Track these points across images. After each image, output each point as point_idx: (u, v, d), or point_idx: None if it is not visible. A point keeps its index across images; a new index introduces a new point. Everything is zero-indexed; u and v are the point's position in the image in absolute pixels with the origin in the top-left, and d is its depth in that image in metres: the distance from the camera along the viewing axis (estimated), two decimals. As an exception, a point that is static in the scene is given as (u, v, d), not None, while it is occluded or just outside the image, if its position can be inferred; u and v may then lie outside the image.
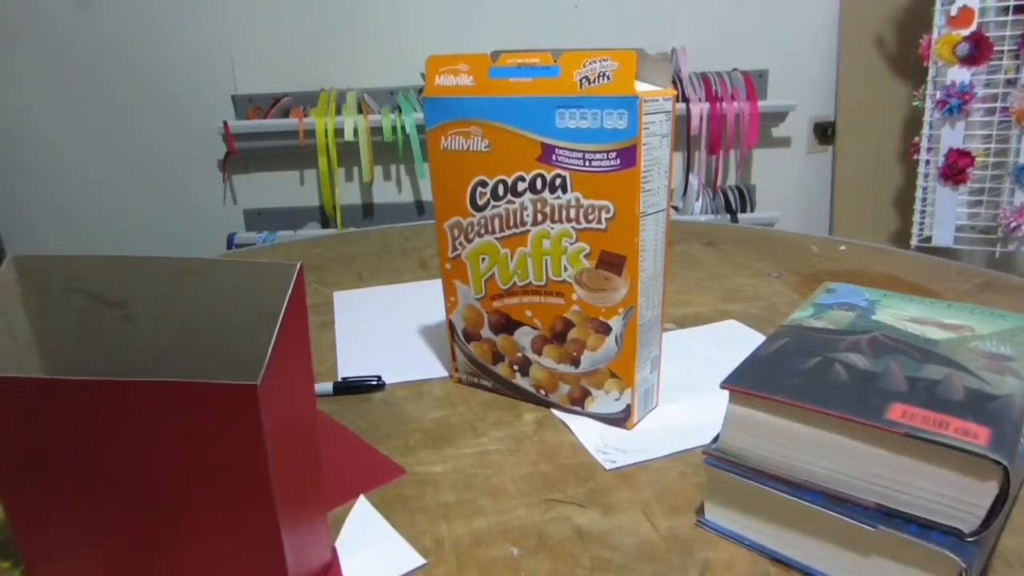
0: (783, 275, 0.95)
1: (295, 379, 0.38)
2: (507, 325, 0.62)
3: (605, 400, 0.59)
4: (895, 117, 2.07)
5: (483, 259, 0.62)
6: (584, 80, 0.52)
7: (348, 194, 2.15)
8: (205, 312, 0.41)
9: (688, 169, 2.10)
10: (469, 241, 0.62)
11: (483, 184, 0.59)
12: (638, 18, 2.07)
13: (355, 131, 1.96)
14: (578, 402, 0.61)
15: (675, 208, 2.14)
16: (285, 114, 2.04)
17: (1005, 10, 1.67)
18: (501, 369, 0.64)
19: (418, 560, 0.45)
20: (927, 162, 1.83)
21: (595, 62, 0.52)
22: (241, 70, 2.06)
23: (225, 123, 2.02)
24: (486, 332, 0.64)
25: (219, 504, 0.36)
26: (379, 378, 0.68)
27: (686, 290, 0.90)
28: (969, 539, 0.36)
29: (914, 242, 1.85)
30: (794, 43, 2.12)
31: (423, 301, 0.89)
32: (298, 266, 0.38)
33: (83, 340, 0.42)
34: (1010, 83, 1.71)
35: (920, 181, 1.85)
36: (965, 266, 0.98)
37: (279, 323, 0.35)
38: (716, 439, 0.45)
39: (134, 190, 2.13)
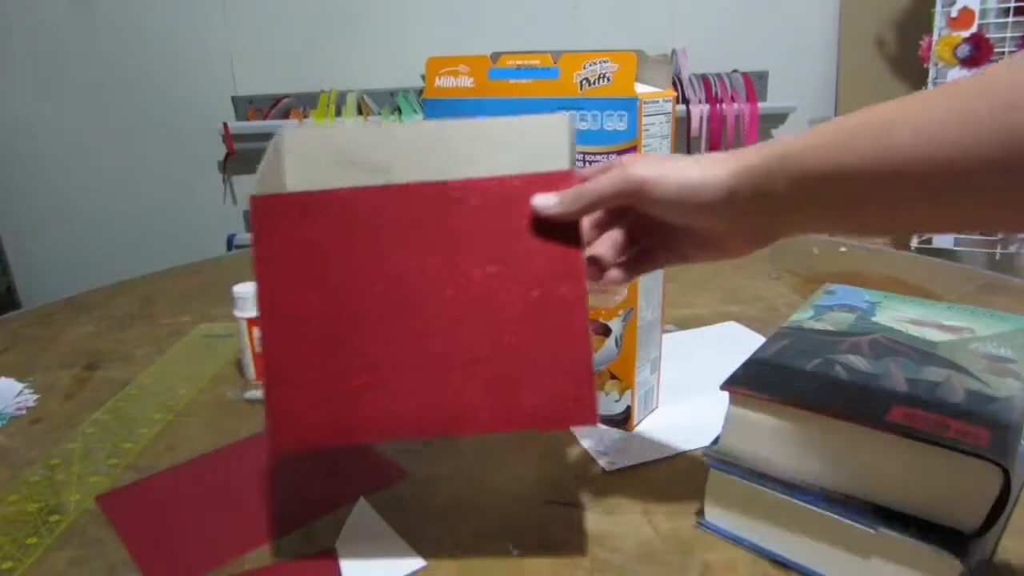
0: (783, 276, 0.95)
1: None
2: (507, 326, 0.62)
3: (605, 402, 0.59)
4: (895, 118, 2.07)
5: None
6: (584, 82, 0.52)
7: (348, 195, 2.15)
8: (465, 172, 0.43)
9: (688, 170, 2.10)
10: (469, 242, 0.62)
11: (483, 185, 0.59)
12: (638, 19, 2.07)
13: (355, 132, 1.96)
14: (578, 403, 0.60)
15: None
16: (285, 115, 2.04)
17: (1005, 11, 1.67)
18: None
19: (418, 562, 0.45)
20: (927, 163, 1.82)
21: (595, 64, 0.52)
22: (241, 71, 2.06)
23: (225, 124, 2.01)
24: (486, 333, 0.64)
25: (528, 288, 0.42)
26: (379, 379, 0.68)
27: (686, 291, 0.90)
28: (969, 541, 0.36)
29: (914, 243, 1.85)
30: (794, 44, 2.12)
31: (423, 302, 0.89)
32: (567, 117, 0.43)
33: None
34: (1010, 84, 1.71)
35: (920, 182, 1.84)
36: (965, 268, 0.98)
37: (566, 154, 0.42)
38: (716, 441, 0.45)
39: (134, 191, 2.13)
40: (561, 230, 0.42)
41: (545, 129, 0.43)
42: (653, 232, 0.45)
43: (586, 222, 0.44)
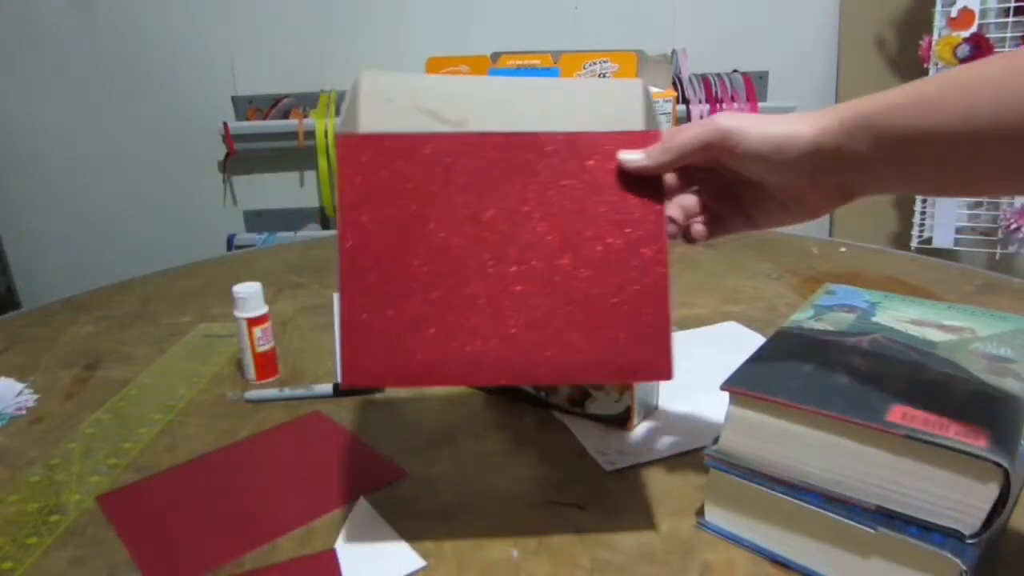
0: (783, 276, 0.95)
1: None
2: (507, 326, 0.62)
3: (605, 401, 0.59)
4: (895, 118, 2.07)
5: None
6: (584, 81, 0.52)
7: (348, 195, 2.14)
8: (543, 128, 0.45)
9: (688, 170, 2.09)
10: (469, 242, 0.62)
11: (483, 185, 0.59)
12: (638, 20, 2.07)
13: (355, 132, 1.96)
14: (578, 403, 0.61)
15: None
16: (285, 115, 2.04)
17: (1005, 11, 1.67)
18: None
19: (418, 562, 0.45)
20: (927, 163, 1.82)
21: (595, 64, 0.52)
22: (241, 71, 2.06)
23: (225, 124, 2.01)
24: (486, 333, 0.64)
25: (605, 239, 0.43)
26: (379, 379, 0.68)
27: (687, 291, 0.90)
28: (969, 541, 0.36)
29: (914, 243, 1.85)
30: (794, 45, 2.11)
31: (423, 302, 0.89)
32: (641, 82, 0.44)
33: None
34: (1010, 85, 1.71)
35: (920, 182, 1.84)
36: (965, 268, 0.98)
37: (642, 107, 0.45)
38: (716, 440, 0.45)
39: (134, 191, 2.12)
40: (644, 185, 0.43)
41: (620, 93, 0.45)
42: (724, 196, 0.46)
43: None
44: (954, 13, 1.70)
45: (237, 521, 0.50)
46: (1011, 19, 1.67)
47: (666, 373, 0.42)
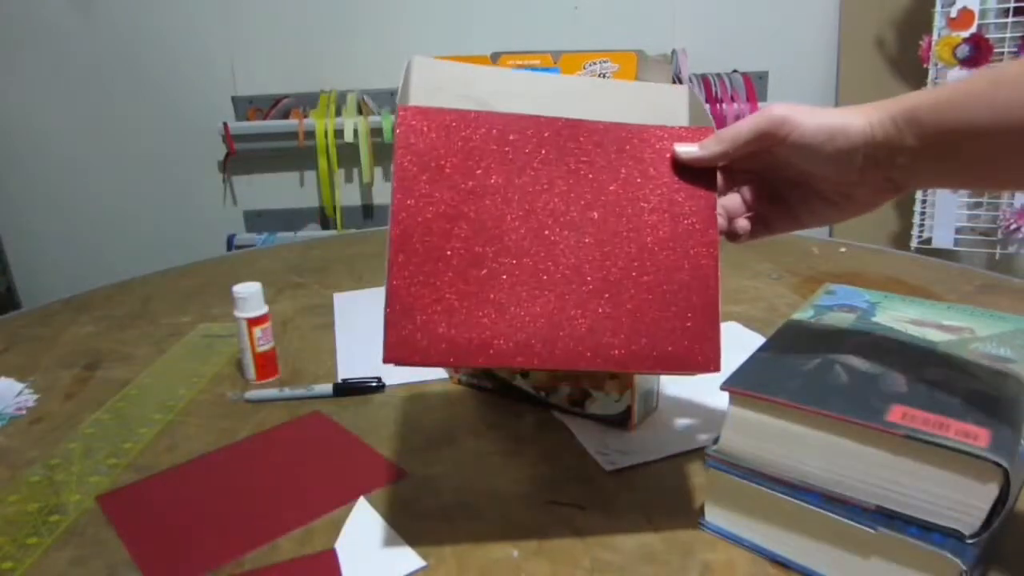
0: (783, 277, 0.95)
1: None
2: (507, 326, 0.62)
3: (605, 401, 0.59)
4: (895, 119, 2.07)
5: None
6: (584, 81, 0.52)
7: (348, 195, 2.14)
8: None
9: (688, 170, 2.09)
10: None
11: (483, 185, 0.59)
12: (638, 20, 2.07)
13: (355, 132, 1.96)
14: (578, 403, 0.61)
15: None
16: (285, 115, 2.04)
17: (1005, 12, 1.67)
18: (501, 371, 0.64)
19: (418, 562, 0.45)
20: (927, 164, 1.82)
21: (595, 64, 0.52)
22: (241, 71, 2.06)
23: (225, 124, 2.01)
24: (486, 333, 0.64)
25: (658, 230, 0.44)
26: (379, 380, 0.68)
27: (686, 291, 0.90)
28: (969, 541, 0.36)
29: (914, 244, 1.85)
30: (794, 45, 2.11)
31: (423, 302, 0.89)
32: (687, 88, 0.47)
33: None
34: (1010, 85, 1.71)
35: (920, 183, 1.84)
36: (965, 268, 0.98)
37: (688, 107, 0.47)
38: (716, 440, 0.45)
39: (134, 191, 2.12)
40: (696, 177, 0.44)
41: (667, 94, 0.46)
42: (769, 198, 0.47)
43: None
44: (954, 13, 1.70)
45: (237, 521, 0.50)
46: (1011, 19, 1.67)
47: (713, 365, 0.42)
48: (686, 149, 0.44)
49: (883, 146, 0.40)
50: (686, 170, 0.44)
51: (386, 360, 0.40)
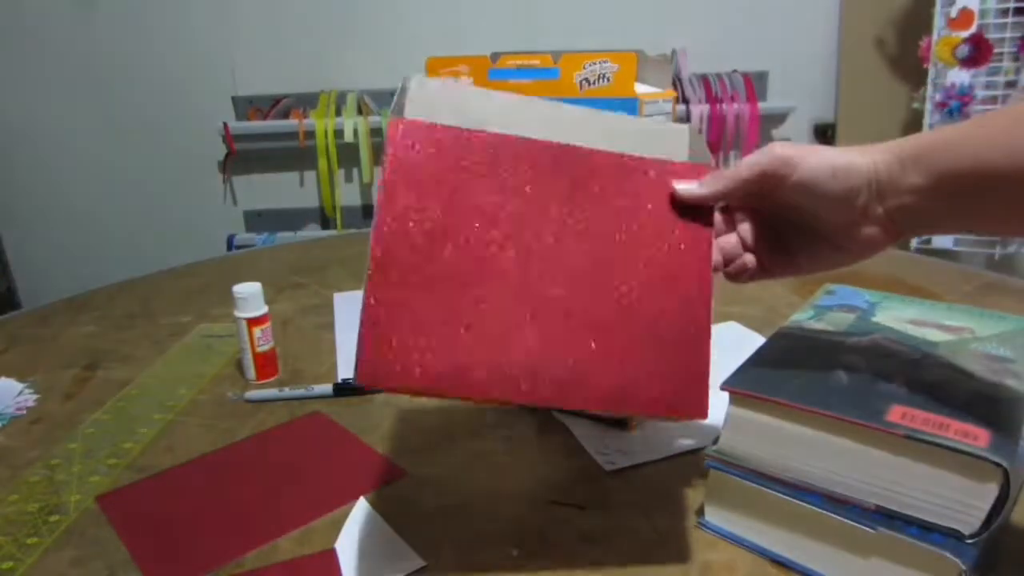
0: (783, 276, 0.95)
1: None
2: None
3: (605, 401, 0.59)
4: (895, 119, 2.07)
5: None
6: (584, 82, 0.52)
7: (348, 195, 2.14)
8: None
9: (688, 170, 2.09)
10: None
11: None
12: (638, 20, 2.07)
13: (355, 132, 1.96)
14: (578, 403, 0.60)
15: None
16: (285, 115, 2.04)
17: (1005, 12, 1.67)
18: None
19: (418, 562, 0.45)
20: (927, 164, 1.82)
21: (595, 64, 0.52)
22: (241, 71, 2.06)
23: (225, 124, 2.01)
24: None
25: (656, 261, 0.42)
26: (379, 379, 0.68)
27: (686, 291, 0.90)
28: (969, 541, 0.36)
29: (914, 244, 1.85)
30: (794, 45, 2.11)
31: (423, 302, 0.89)
32: (687, 127, 0.45)
33: None
34: (1010, 85, 1.71)
35: (920, 183, 1.83)
36: (965, 268, 0.98)
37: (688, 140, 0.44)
38: (716, 441, 0.45)
39: (134, 191, 2.13)
40: (693, 217, 0.43)
41: (667, 131, 0.44)
42: (768, 240, 0.45)
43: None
44: (954, 13, 1.70)
45: (237, 521, 0.50)
46: (1011, 19, 1.67)
47: (700, 412, 0.41)
48: (686, 187, 0.42)
49: (887, 185, 0.39)
50: (683, 207, 0.43)
51: (358, 382, 0.38)
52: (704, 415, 0.40)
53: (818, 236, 0.43)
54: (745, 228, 0.46)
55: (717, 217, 0.45)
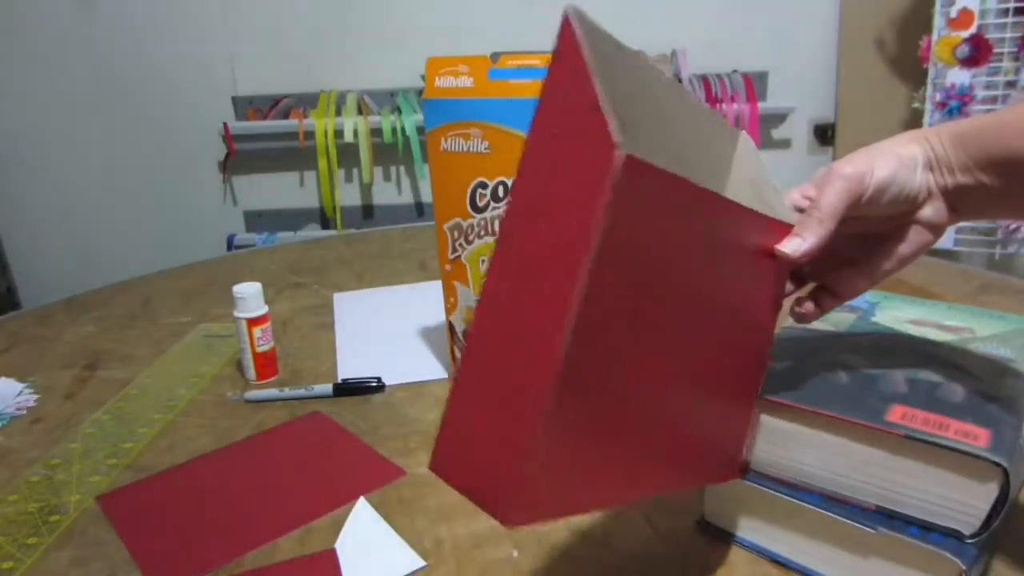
0: (783, 276, 0.95)
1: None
2: (507, 326, 0.62)
3: (605, 402, 0.59)
4: (895, 119, 2.07)
5: (483, 261, 0.62)
6: (584, 82, 0.52)
7: (348, 195, 2.14)
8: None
9: (688, 170, 2.09)
10: (469, 243, 0.62)
11: (483, 186, 0.59)
12: (638, 20, 2.07)
13: (355, 132, 1.96)
14: (578, 404, 0.60)
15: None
16: (285, 115, 2.04)
17: (1005, 12, 1.67)
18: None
19: (418, 562, 0.45)
20: (927, 164, 1.82)
21: (595, 64, 0.52)
22: (241, 71, 2.06)
23: (225, 124, 2.01)
24: (486, 333, 0.64)
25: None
26: (379, 379, 0.68)
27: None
28: (969, 541, 0.36)
29: (914, 244, 1.85)
30: (794, 45, 2.11)
31: (423, 302, 0.89)
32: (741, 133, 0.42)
33: None
34: (1010, 85, 1.71)
35: (920, 183, 1.84)
36: (965, 268, 0.98)
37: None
38: (716, 441, 0.45)
39: (134, 191, 2.12)
40: (777, 272, 0.38)
41: (755, 169, 0.42)
42: (826, 265, 0.42)
43: None
44: (954, 13, 1.70)
45: (237, 521, 0.50)
46: (1011, 19, 1.67)
47: (735, 475, 0.40)
48: (794, 246, 0.37)
49: (943, 161, 0.40)
50: (772, 265, 0.37)
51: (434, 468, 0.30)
52: (739, 477, 0.39)
53: (882, 241, 0.41)
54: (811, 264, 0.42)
55: None
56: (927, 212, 0.40)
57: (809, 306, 0.42)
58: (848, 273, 0.42)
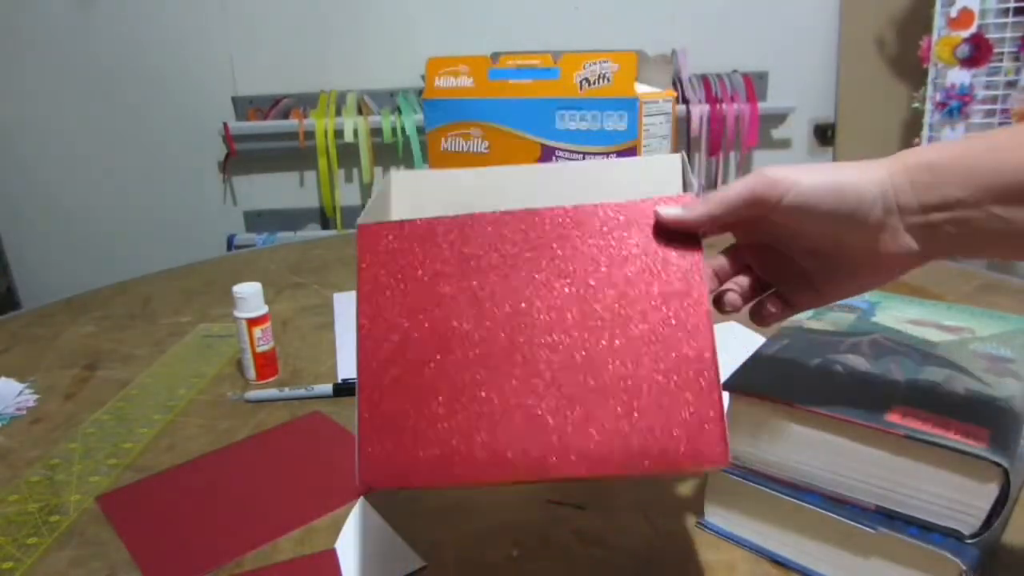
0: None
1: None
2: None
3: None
4: (895, 119, 2.07)
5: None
6: (584, 82, 0.52)
7: (348, 195, 2.14)
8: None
9: (688, 170, 2.09)
10: (469, 242, 0.62)
11: (483, 185, 0.59)
12: (638, 19, 2.07)
13: (355, 132, 1.96)
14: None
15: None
16: (285, 115, 2.04)
17: (1005, 11, 1.67)
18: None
19: (418, 562, 0.45)
20: (927, 164, 1.82)
21: (595, 64, 0.52)
22: (241, 71, 2.06)
23: (225, 124, 2.01)
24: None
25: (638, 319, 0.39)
26: (379, 379, 0.68)
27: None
28: (969, 541, 0.36)
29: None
30: (794, 44, 2.12)
31: (423, 302, 0.89)
32: (680, 155, 0.44)
33: None
34: (1010, 85, 1.71)
35: (920, 183, 1.83)
36: (965, 268, 0.98)
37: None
38: (716, 441, 0.45)
39: (134, 191, 2.13)
40: (682, 251, 0.39)
41: (657, 168, 0.43)
42: (785, 272, 0.42)
43: (709, 269, 0.43)
44: (954, 13, 1.70)
45: (237, 521, 0.50)
46: (1011, 19, 1.67)
47: (720, 458, 0.37)
48: (669, 211, 0.39)
49: (909, 198, 0.36)
50: (670, 244, 0.40)
51: (361, 484, 0.37)
52: (726, 461, 0.37)
53: (839, 263, 0.40)
54: (756, 264, 0.43)
55: (724, 260, 0.43)
56: (886, 248, 0.38)
57: (768, 309, 0.43)
58: (807, 293, 0.42)
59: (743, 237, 0.43)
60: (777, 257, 0.42)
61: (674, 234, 0.39)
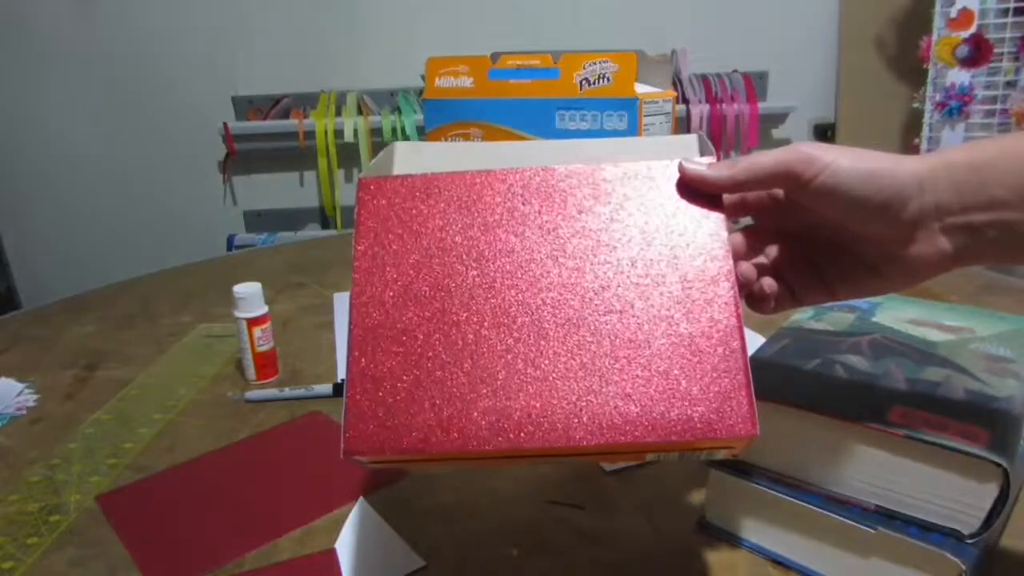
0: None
1: None
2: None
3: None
4: (895, 119, 2.07)
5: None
6: (584, 82, 0.52)
7: (348, 195, 2.14)
8: None
9: (688, 170, 2.09)
10: (469, 242, 0.62)
11: (483, 185, 0.59)
12: (638, 20, 2.07)
13: (355, 132, 1.96)
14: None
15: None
16: (285, 115, 2.04)
17: (1005, 12, 1.67)
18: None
19: (418, 562, 0.45)
20: (927, 164, 1.82)
21: (595, 64, 0.52)
22: (241, 71, 2.06)
23: (225, 124, 2.01)
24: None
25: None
26: (379, 379, 0.68)
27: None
28: (969, 541, 0.36)
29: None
30: (794, 45, 2.12)
31: (423, 302, 0.89)
32: (698, 135, 0.42)
33: None
34: (1010, 85, 1.71)
35: (920, 183, 1.83)
36: (966, 268, 0.98)
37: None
38: (716, 441, 0.45)
39: (134, 191, 2.13)
40: (703, 216, 0.37)
41: (676, 145, 0.42)
42: (799, 262, 0.40)
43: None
44: (953, 13, 1.70)
45: (237, 521, 0.50)
46: (1010, 19, 1.67)
47: (745, 426, 0.34)
48: (693, 167, 0.37)
49: (953, 197, 0.34)
50: (692, 205, 0.38)
51: (345, 454, 0.34)
52: (754, 431, 0.34)
53: (856, 258, 0.38)
54: (772, 250, 0.41)
55: (741, 240, 0.40)
56: (913, 249, 0.35)
57: (762, 285, 0.39)
58: (815, 285, 0.40)
59: (760, 219, 0.41)
60: (793, 246, 0.40)
61: (697, 196, 0.37)
